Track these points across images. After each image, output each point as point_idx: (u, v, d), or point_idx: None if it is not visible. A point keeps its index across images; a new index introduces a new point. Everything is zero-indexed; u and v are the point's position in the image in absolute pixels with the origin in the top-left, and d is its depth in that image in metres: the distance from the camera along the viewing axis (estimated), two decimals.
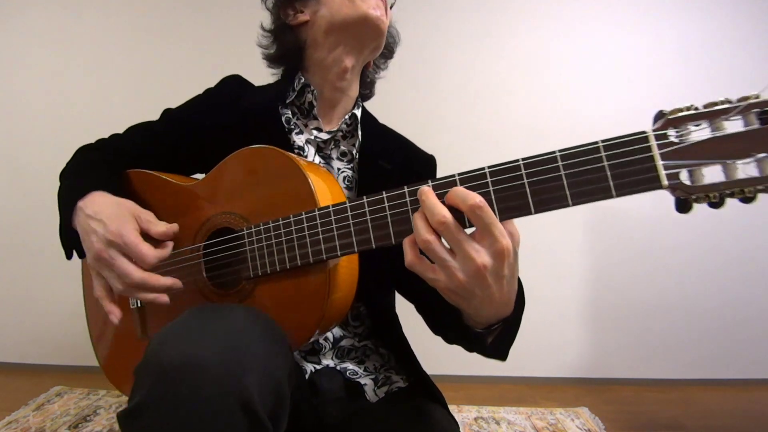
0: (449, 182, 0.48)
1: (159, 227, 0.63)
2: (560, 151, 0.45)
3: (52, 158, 0.78)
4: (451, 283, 0.46)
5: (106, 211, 0.62)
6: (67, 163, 0.78)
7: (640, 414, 1.69)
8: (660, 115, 0.43)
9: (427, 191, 0.47)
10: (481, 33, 1.96)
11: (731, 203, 0.41)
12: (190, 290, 0.66)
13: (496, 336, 0.56)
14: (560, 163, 0.44)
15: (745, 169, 0.39)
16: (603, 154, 0.43)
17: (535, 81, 1.96)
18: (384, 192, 0.51)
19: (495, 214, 0.45)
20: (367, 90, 0.90)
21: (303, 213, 0.57)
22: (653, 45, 1.92)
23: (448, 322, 0.61)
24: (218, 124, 0.77)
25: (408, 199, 0.50)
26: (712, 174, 0.40)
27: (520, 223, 0.59)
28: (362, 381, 0.74)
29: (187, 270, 0.67)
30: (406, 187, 0.50)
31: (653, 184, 0.41)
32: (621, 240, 1.94)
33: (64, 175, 0.76)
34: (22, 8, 2.07)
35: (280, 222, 0.58)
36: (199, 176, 0.80)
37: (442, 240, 0.47)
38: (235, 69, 0.86)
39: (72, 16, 2.06)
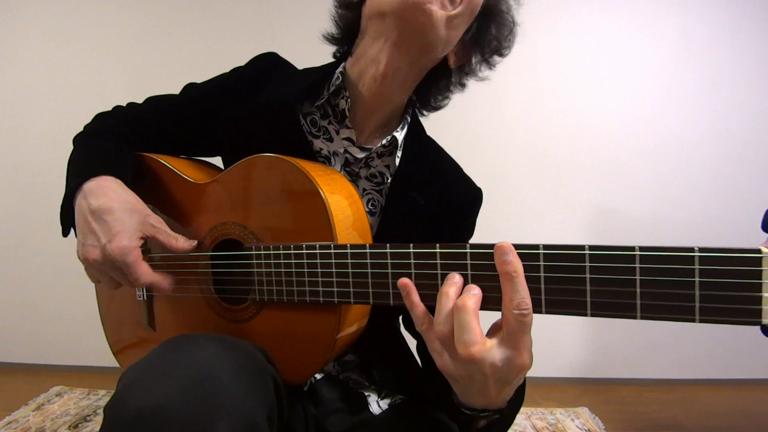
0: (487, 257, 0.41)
1: (179, 243, 0.60)
2: (641, 249, 0.35)
3: (52, 158, 0.77)
4: (453, 371, 0.42)
5: (113, 213, 0.56)
6: (84, 129, 0.74)
7: (640, 414, 1.69)
8: None
9: (469, 307, 0.40)
10: None
11: (727, 204, 0.38)
12: (196, 298, 0.65)
13: (485, 425, 0.51)
14: (637, 266, 0.35)
15: None
16: (697, 267, 0.33)
17: (535, 83, 1.96)
18: (411, 246, 0.45)
19: (541, 308, 0.39)
20: (431, 101, 0.75)
21: (317, 246, 0.51)
22: (654, 45, 1.92)
23: (437, 390, 0.56)
24: (234, 114, 0.69)
25: (438, 261, 0.44)
26: None
27: (519, 224, 0.58)
28: (366, 392, 0.70)
29: (194, 276, 0.64)
30: (438, 247, 0.44)
31: (749, 318, 0.32)
32: (621, 240, 1.93)
33: (78, 142, 0.71)
34: (21, 6, 2.07)
35: (292, 251, 0.53)
36: (210, 161, 0.79)
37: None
38: (237, 64, 0.85)
39: (72, 15, 2.05)
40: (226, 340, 0.47)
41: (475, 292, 0.41)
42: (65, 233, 0.65)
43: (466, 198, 0.74)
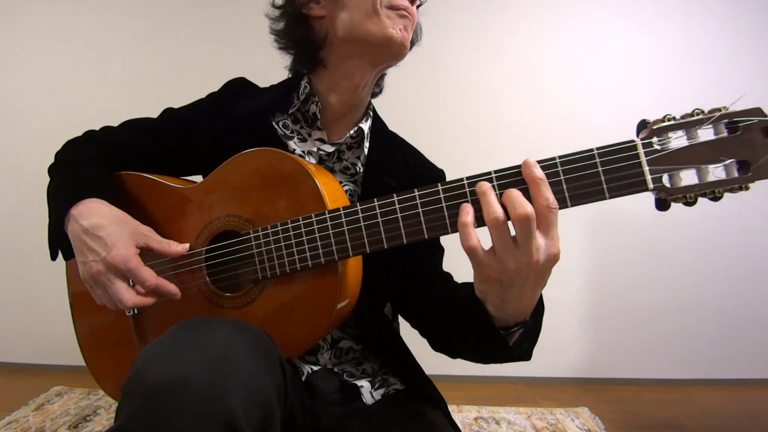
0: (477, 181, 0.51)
1: (172, 247, 0.63)
2: (560, 157, 0.48)
3: (52, 158, 0.77)
4: (501, 271, 0.48)
5: (105, 228, 0.60)
6: (56, 157, 0.75)
7: (640, 414, 1.69)
8: (643, 125, 0.48)
9: (513, 191, 0.48)
10: (479, 33, 1.96)
11: (727, 204, 0.42)
12: (193, 294, 0.65)
13: (520, 335, 0.56)
14: (560, 168, 0.48)
15: (715, 172, 0.45)
16: (597, 160, 0.47)
17: (534, 82, 1.96)
18: (395, 195, 0.53)
19: (567, 203, 0.49)
20: (376, 87, 0.83)
21: (313, 215, 0.57)
22: (654, 45, 1.92)
23: (466, 326, 0.60)
24: (213, 131, 0.74)
25: (417, 202, 0.53)
26: (688, 177, 0.47)
27: None
28: (359, 383, 0.73)
29: (189, 274, 0.66)
30: (417, 190, 0.53)
31: (641, 187, 0.47)
32: (621, 240, 1.94)
33: (54, 172, 0.73)
34: (21, 7, 2.07)
35: (289, 225, 0.59)
36: (190, 179, 0.79)
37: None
38: (237, 67, 0.86)
39: (71, 15, 2.05)
40: (237, 323, 0.50)
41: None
42: (53, 257, 0.69)
43: (433, 178, 0.81)
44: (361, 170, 0.76)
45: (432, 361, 0.81)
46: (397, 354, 0.78)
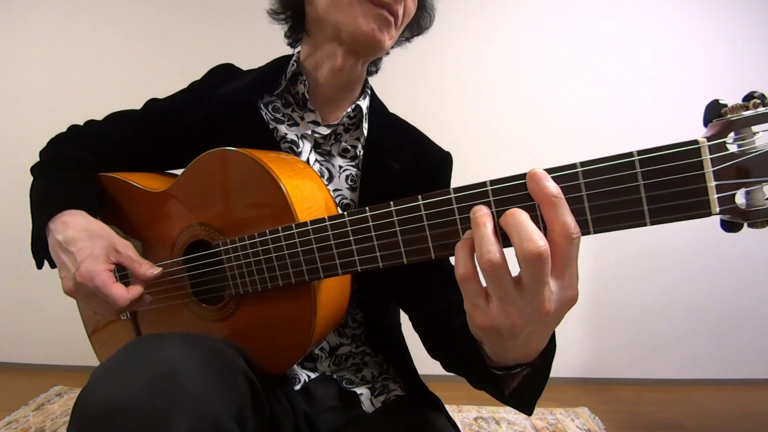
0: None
1: (143, 269, 0.59)
2: (582, 164, 0.35)
3: None
4: (502, 321, 0.38)
5: (78, 243, 0.57)
6: (40, 156, 0.73)
7: (640, 414, 1.69)
8: (715, 113, 0.32)
9: (519, 214, 0.36)
10: (484, 31, 1.96)
11: None
12: (178, 306, 0.64)
13: (523, 378, 0.48)
14: (582, 181, 0.35)
15: None
16: (639, 170, 0.33)
17: (539, 80, 1.96)
18: (367, 209, 0.44)
19: (589, 229, 0.36)
20: (372, 66, 0.78)
21: (279, 229, 0.50)
22: (653, 44, 1.92)
23: (458, 354, 0.54)
24: (196, 117, 0.70)
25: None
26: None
27: None
28: (358, 390, 0.70)
29: (172, 284, 0.63)
30: (393, 204, 0.42)
31: (700, 210, 0.32)
32: (621, 240, 1.94)
33: (36, 173, 0.70)
34: (21, 9, 2.07)
35: (257, 239, 0.52)
36: (178, 172, 0.76)
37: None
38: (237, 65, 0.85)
39: (71, 15, 2.05)
40: (190, 338, 0.46)
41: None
42: (39, 266, 0.67)
43: (437, 160, 0.77)
44: (361, 153, 0.71)
45: (432, 361, 0.81)
46: (400, 353, 0.75)
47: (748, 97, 0.31)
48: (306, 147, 0.69)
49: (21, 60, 2.08)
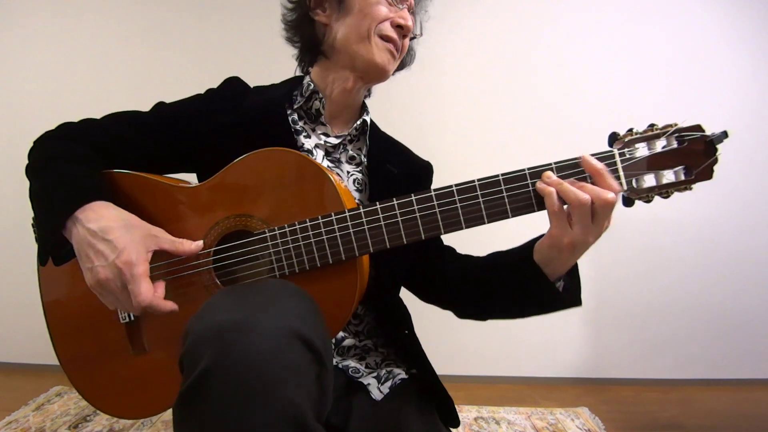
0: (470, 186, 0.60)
1: (185, 246, 0.62)
2: (555, 163, 0.59)
3: None
4: (580, 240, 0.58)
5: (115, 231, 0.57)
6: (31, 156, 0.72)
7: (640, 414, 1.69)
8: (614, 137, 0.59)
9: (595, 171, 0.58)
10: (480, 34, 1.96)
11: (727, 204, 0.42)
12: (200, 297, 0.64)
13: (565, 281, 0.66)
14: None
15: (667, 176, 0.57)
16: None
17: (534, 83, 1.96)
18: (413, 195, 0.60)
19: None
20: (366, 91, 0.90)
21: (333, 214, 0.60)
22: (653, 44, 1.92)
23: (513, 288, 0.70)
24: (218, 126, 0.74)
25: (436, 202, 0.60)
26: (648, 180, 0.58)
27: (517, 223, 0.63)
28: (365, 381, 0.74)
29: (197, 276, 0.65)
30: (433, 190, 0.60)
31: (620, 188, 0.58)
32: (621, 240, 1.94)
33: (35, 172, 0.69)
34: (22, 10, 2.07)
35: (308, 223, 0.61)
36: (173, 176, 0.77)
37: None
38: (236, 71, 0.86)
39: (71, 15, 2.05)
40: (311, 299, 0.52)
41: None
42: (43, 262, 0.65)
43: (424, 169, 0.91)
44: (366, 161, 0.81)
45: (431, 361, 0.81)
46: (407, 342, 0.79)
47: (629, 130, 0.59)
48: (319, 155, 0.78)
49: (21, 60, 2.08)
